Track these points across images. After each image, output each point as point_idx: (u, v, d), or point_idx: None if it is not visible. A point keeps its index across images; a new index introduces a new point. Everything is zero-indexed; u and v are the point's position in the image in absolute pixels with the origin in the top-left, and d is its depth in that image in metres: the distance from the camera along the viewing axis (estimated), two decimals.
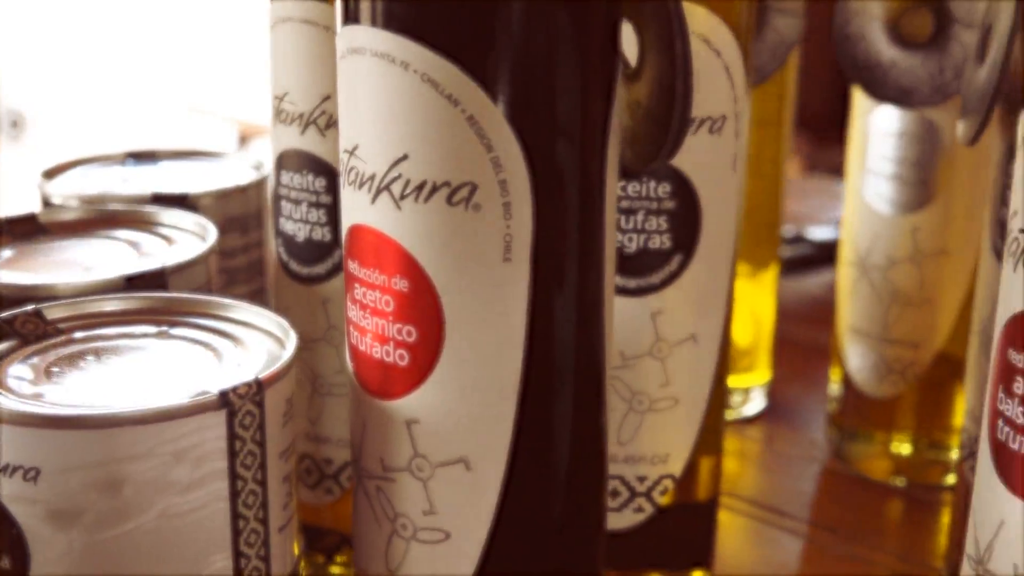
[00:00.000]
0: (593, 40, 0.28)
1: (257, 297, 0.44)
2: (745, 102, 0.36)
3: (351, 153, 0.29)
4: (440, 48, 0.27)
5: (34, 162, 0.51)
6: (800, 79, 0.54)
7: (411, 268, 0.29)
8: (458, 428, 0.29)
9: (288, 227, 0.37)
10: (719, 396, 0.38)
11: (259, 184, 0.44)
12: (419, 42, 0.27)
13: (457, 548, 0.30)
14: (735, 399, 0.54)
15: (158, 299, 0.34)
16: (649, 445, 0.37)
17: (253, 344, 0.32)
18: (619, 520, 0.37)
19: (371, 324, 0.30)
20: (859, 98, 0.46)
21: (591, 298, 0.30)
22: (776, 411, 0.54)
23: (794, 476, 0.49)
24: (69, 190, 0.43)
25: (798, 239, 0.68)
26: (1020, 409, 0.27)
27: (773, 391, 0.55)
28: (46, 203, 0.42)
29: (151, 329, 0.34)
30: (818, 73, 1.31)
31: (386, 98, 0.28)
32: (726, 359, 0.38)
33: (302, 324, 0.38)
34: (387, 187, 0.28)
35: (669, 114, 0.30)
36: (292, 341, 0.32)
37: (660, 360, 0.36)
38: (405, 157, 0.28)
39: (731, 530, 0.46)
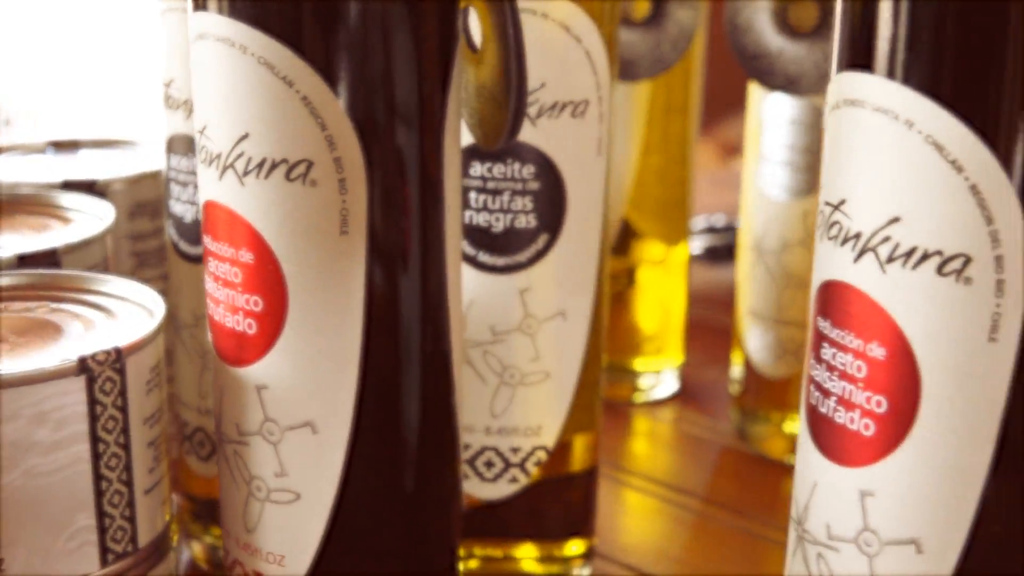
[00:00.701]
0: (427, 24, 0.30)
1: (168, 279, 0.46)
2: (609, 87, 0.37)
3: (202, 133, 0.31)
4: (274, 32, 0.29)
5: None
6: None
7: (255, 241, 0.30)
8: (304, 393, 0.31)
9: (177, 208, 0.39)
10: (591, 372, 0.39)
11: None
12: (255, 27, 0.29)
13: (307, 508, 0.32)
14: (646, 381, 0.55)
15: (42, 276, 0.36)
16: (521, 417, 0.38)
17: (125, 316, 0.34)
18: (494, 490, 0.39)
19: (223, 295, 0.31)
20: (753, 87, 0.48)
21: (431, 272, 0.31)
22: (688, 394, 0.56)
23: (698, 456, 0.51)
24: None
25: (729, 228, 0.70)
26: (827, 374, 0.29)
27: (687, 374, 0.57)
28: None
29: (33, 304, 0.35)
30: None
31: (228, 80, 0.30)
32: (598, 337, 0.39)
33: (192, 302, 0.39)
34: (232, 164, 0.30)
35: (507, 96, 0.31)
36: (160, 313, 0.33)
37: (530, 336, 0.38)
38: (246, 136, 0.30)
39: (628, 506, 0.47)
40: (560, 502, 0.40)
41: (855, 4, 0.28)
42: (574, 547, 0.41)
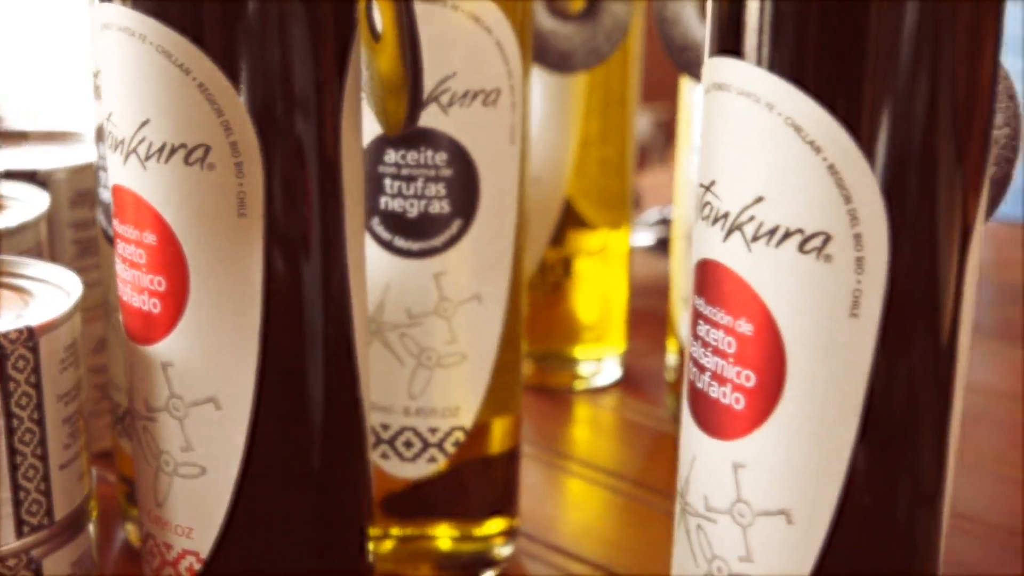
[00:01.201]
0: (323, 15, 0.31)
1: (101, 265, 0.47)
2: (521, 77, 0.38)
3: (108, 119, 0.32)
4: (171, 21, 0.30)
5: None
6: None
7: (157, 223, 0.31)
8: (206, 370, 0.32)
9: (105, 196, 0.40)
10: (509, 355, 0.40)
11: None
12: (153, 16, 0.30)
13: (213, 482, 0.33)
14: (586, 369, 0.56)
15: None
16: (439, 398, 0.39)
17: (43, 297, 0.35)
18: (414, 470, 0.40)
19: (130, 276, 0.32)
20: (683, 79, 0.49)
21: (330, 255, 0.32)
22: (631, 381, 0.57)
23: (634, 441, 0.52)
24: None
25: None
26: (702, 350, 0.30)
27: (630, 362, 0.57)
28: None
29: None
30: None
31: (129, 68, 0.31)
32: (516, 321, 0.40)
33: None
34: (135, 149, 0.31)
35: (404, 87, 0.32)
36: (76, 294, 0.34)
37: (446, 319, 0.39)
38: (147, 122, 0.31)
39: (562, 490, 0.48)
40: (480, 482, 0.41)
41: None
42: (494, 526, 0.42)
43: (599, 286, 0.55)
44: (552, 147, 0.52)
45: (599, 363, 0.56)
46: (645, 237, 0.68)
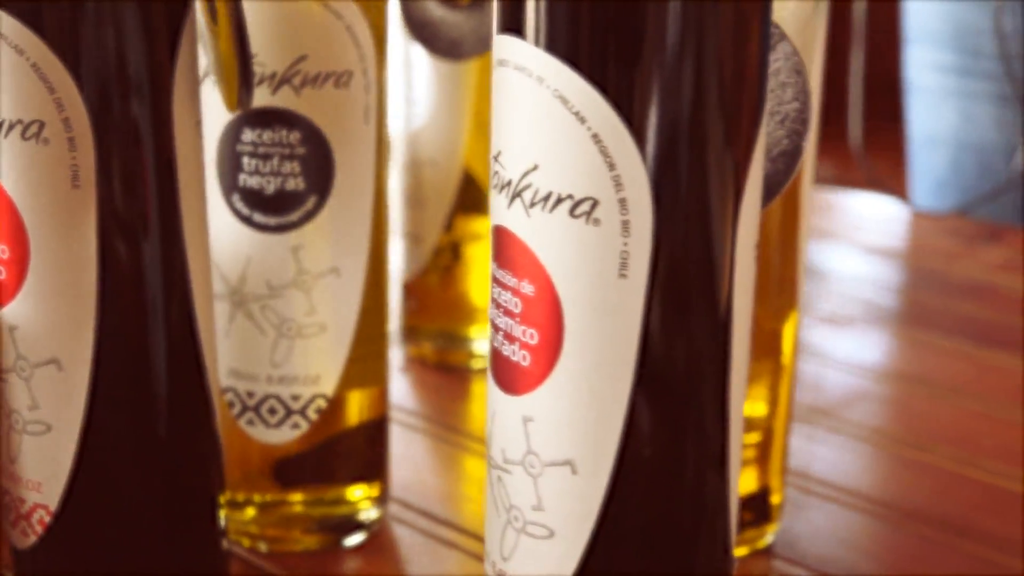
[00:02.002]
0: None
1: None
2: (375, 59, 0.40)
3: None
4: (3, 6, 0.32)
5: None
6: None
7: (0, 194, 0.34)
8: (47, 333, 0.34)
9: None
10: (370, 327, 0.42)
11: None
12: None
13: (58, 439, 0.35)
14: (483, 348, 0.58)
15: None
16: (301, 367, 0.41)
17: None
18: (278, 436, 0.42)
19: None
20: None
21: (164, 225, 0.34)
22: None
23: None
24: None
25: None
26: (496, 311, 0.32)
27: None
28: None
29: None
30: None
31: None
32: (377, 295, 0.42)
33: None
34: None
35: (235, 68, 0.35)
36: None
37: (304, 291, 0.41)
38: None
39: (442, 460, 0.50)
40: (344, 449, 0.43)
41: None
42: (360, 492, 0.44)
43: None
44: (445, 131, 0.54)
45: None
46: None
